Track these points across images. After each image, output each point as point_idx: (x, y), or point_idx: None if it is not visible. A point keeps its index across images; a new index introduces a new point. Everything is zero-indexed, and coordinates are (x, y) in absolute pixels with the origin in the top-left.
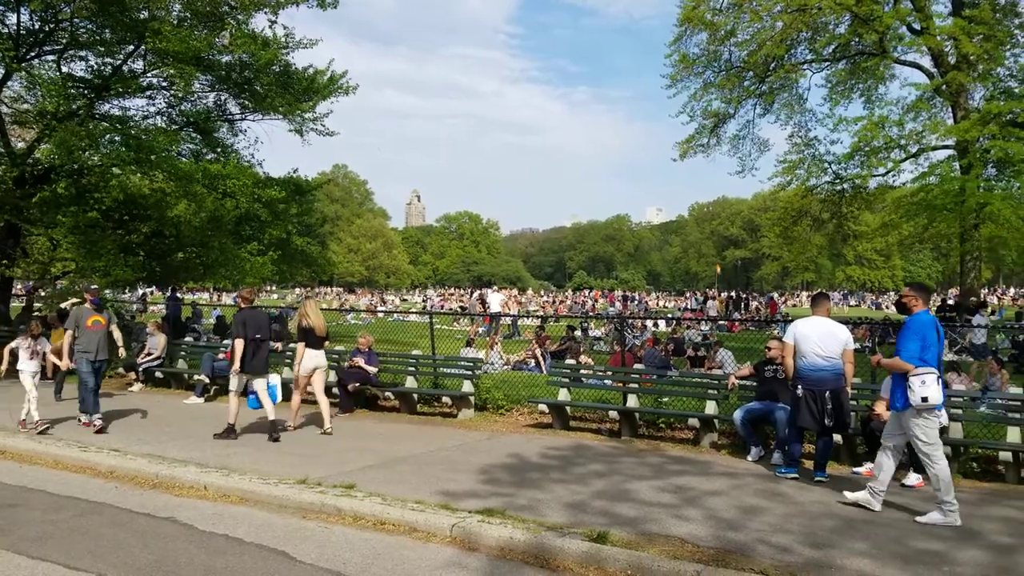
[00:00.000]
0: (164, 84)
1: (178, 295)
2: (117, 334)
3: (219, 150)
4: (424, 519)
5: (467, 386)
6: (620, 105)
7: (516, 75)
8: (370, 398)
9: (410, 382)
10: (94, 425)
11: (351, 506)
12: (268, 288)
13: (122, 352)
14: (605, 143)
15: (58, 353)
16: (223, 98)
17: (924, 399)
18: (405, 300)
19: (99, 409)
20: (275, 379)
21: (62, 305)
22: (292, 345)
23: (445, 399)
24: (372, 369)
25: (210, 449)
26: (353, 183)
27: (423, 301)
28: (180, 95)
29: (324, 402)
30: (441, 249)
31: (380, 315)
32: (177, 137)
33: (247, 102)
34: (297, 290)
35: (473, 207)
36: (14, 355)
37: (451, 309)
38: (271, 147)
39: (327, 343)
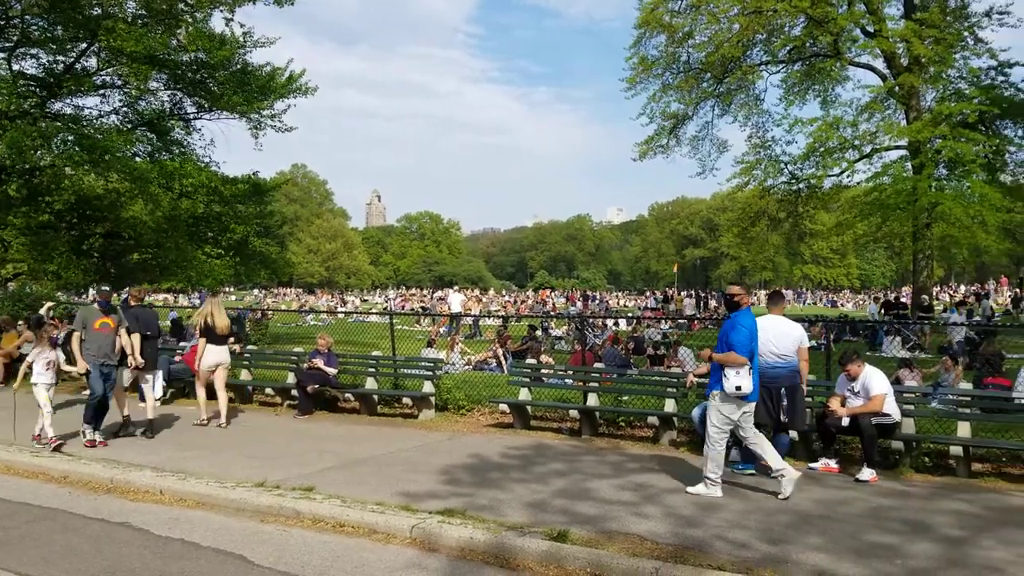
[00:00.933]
0: (118, 83)
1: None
2: (125, 339)
3: (175, 150)
4: (384, 520)
5: (428, 387)
6: (582, 106)
7: (476, 75)
8: (330, 400)
9: (370, 383)
10: (90, 442)
11: (310, 508)
12: (226, 290)
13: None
14: (567, 143)
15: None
16: (178, 96)
17: (738, 387)
18: (366, 301)
19: (100, 424)
20: (158, 377)
21: (39, 312)
22: (251, 347)
23: (406, 400)
24: (332, 371)
25: (166, 453)
26: (312, 183)
27: (384, 302)
28: (135, 94)
29: (223, 398)
30: (402, 249)
31: (340, 316)
32: (132, 137)
33: (203, 101)
34: (255, 291)
35: (434, 207)
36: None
37: (412, 309)
38: (228, 148)
39: (232, 341)
